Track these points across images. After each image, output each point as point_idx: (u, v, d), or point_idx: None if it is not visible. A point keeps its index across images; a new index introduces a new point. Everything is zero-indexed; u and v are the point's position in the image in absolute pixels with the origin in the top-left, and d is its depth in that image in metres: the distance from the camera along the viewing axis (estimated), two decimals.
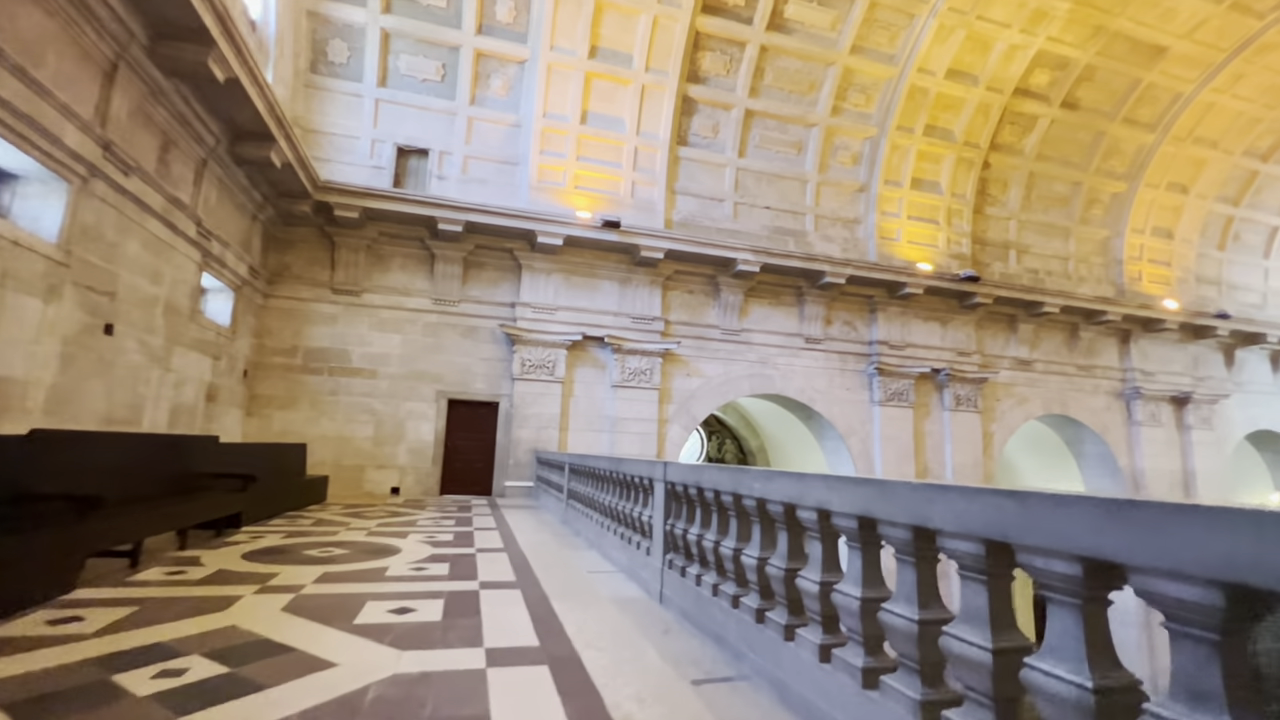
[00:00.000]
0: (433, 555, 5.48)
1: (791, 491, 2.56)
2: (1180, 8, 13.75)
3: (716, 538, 3.40)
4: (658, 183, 13.66)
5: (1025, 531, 1.40)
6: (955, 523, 1.63)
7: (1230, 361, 18.37)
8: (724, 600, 3.17)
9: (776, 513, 2.72)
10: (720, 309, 13.86)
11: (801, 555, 2.66)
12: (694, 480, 3.67)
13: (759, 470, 2.86)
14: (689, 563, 3.84)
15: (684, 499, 3.98)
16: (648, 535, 4.74)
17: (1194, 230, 17.87)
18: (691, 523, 3.88)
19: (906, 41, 13.78)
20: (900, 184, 15.11)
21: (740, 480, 3.05)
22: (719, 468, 3.31)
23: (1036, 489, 1.41)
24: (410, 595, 3.95)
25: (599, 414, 12.84)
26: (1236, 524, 0.99)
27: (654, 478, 4.47)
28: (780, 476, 2.68)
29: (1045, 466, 18.89)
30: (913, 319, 14.96)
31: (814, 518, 2.41)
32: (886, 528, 1.98)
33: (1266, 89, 15.73)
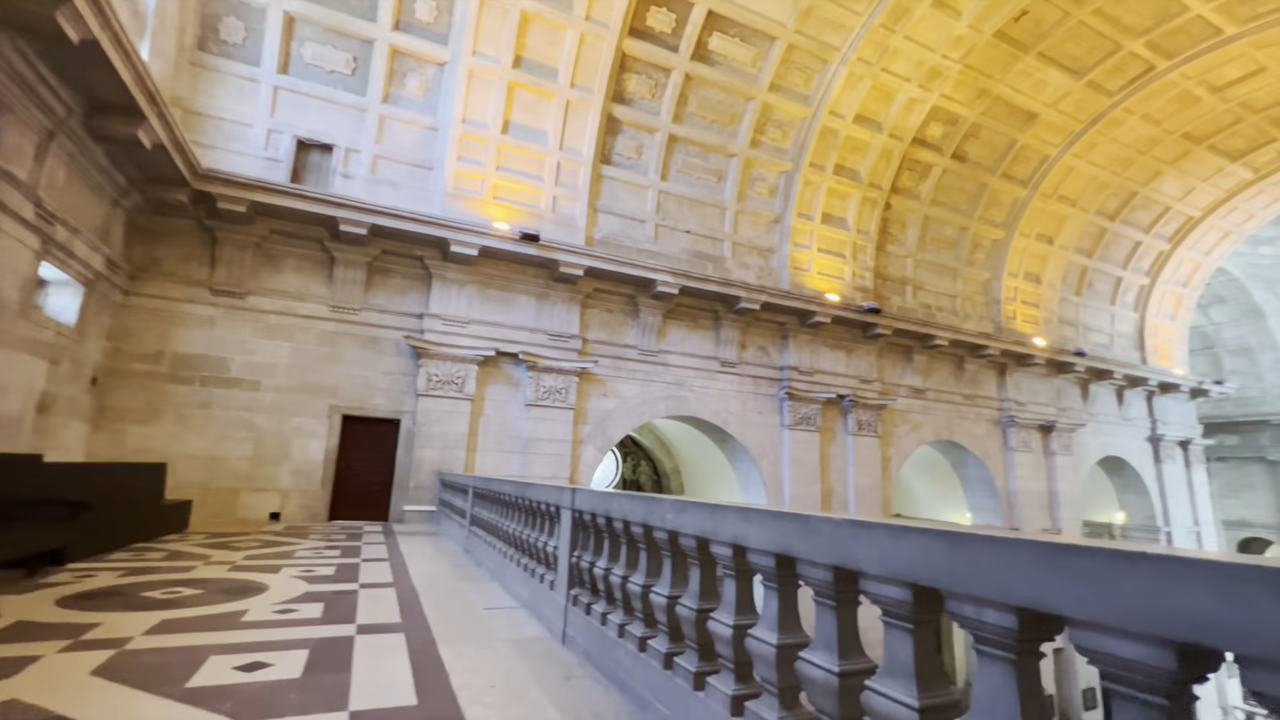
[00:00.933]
0: (306, 594, 4.83)
1: (705, 524, 2.38)
2: (1049, 81, 15.53)
3: (625, 572, 3.16)
4: (580, 199, 13.50)
5: (958, 578, 1.27)
6: (881, 564, 1.50)
7: (1086, 395, 20.64)
8: (630, 642, 2.92)
9: (689, 547, 2.52)
10: (639, 329, 13.80)
11: (714, 594, 2.47)
12: (603, 509, 3.42)
13: (672, 500, 2.66)
14: (595, 599, 3.57)
15: (592, 529, 3.72)
16: (552, 567, 4.41)
17: (1057, 277, 20.06)
18: (599, 555, 3.62)
19: (820, 85, 14.59)
20: (812, 218, 15.86)
21: (652, 510, 2.84)
22: (630, 496, 3.08)
23: (970, 528, 1.29)
24: (268, 646, 3.39)
25: (510, 434, 12.29)
26: (1189, 575, 0.88)
27: (561, 505, 4.17)
28: (694, 507, 2.49)
29: (935, 488, 20.25)
30: (821, 346, 15.63)
31: (729, 553, 2.24)
32: (806, 567, 1.83)
33: (1114, 158, 18.06)
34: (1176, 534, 21.13)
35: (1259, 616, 0.80)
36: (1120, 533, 21.72)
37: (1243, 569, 0.82)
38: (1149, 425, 21.89)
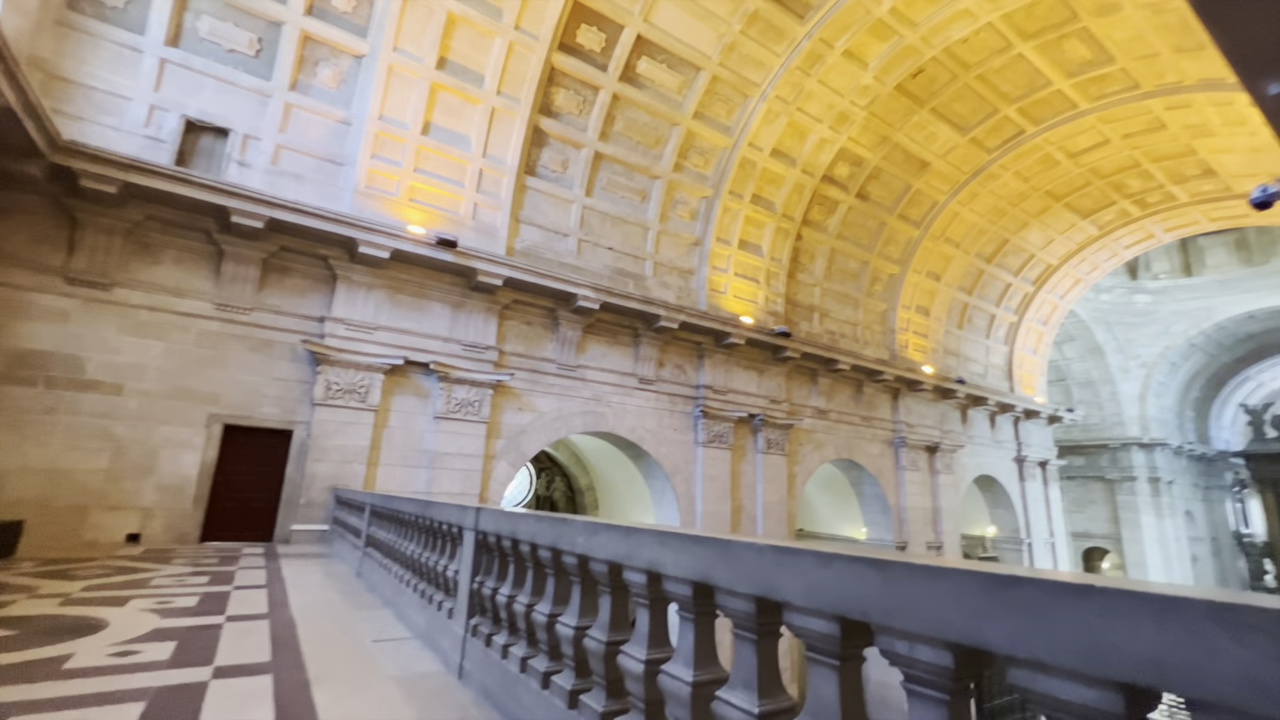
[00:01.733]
0: (156, 630, 4.24)
1: (619, 548, 2.30)
2: (939, 134, 17.16)
3: (530, 600, 3.02)
4: (502, 208, 13.20)
5: (890, 610, 1.25)
6: (807, 595, 1.47)
7: (965, 419, 22.70)
8: (533, 678, 2.79)
9: (600, 573, 2.44)
10: (558, 343, 13.62)
11: (626, 625, 2.41)
12: (509, 530, 3.27)
13: (584, 522, 2.58)
14: (497, 629, 3.39)
15: (497, 552, 3.54)
16: (452, 594, 4.17)
17: (943, 311, 22.02)
18: (503, 581, 3.46)
19: (741, 117, 15.26)
20: (730, 243, 16.45)
21: (562, 532, 2.73)
22: (538, 516, 2.96)
23: (905, 557, 1.28)
24: (90, 700, 2.88)
25: (417, 448, 11.65)
26: (1138, 610, 0.84)
27: (464, 525, 3.96)
28: (607, 530, 2.40)
29: (835, 504, 21.39)
30: (735, 367, 16.14)
31: (643, 581, 2.17)
32: (726, 597, 1.78)
33: (991, 208, 20.19)
34: (1037, 545, 23.59)
35: (1216, 657, 0.76)
36: (991, 545, 23.93)
37: (1198, 605, 0.79)
38: (1015, 447, 24.38)
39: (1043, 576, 1.00)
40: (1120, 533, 32.08)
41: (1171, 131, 16.39)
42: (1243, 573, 36.07)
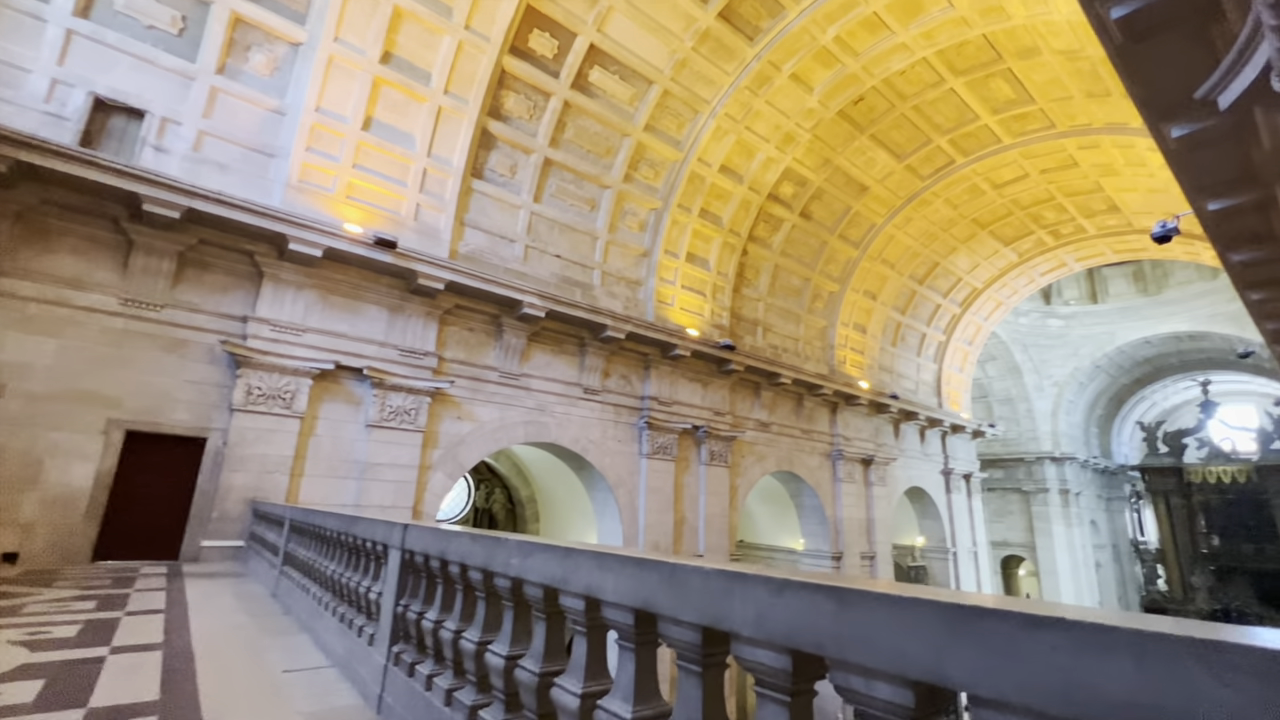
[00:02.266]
0: (22, 667, 3.72)
1: (555, 571, 2.15)
2: (878, 160, 17.95)
3: (458, 626, 2.82)
4: (446, 210, 12.79)
5: (847, 643, 1.16)
6: (758, 625, 1.38)
7: (897, 433, 23.65)
8: (459, 713, 2.58)
9: (535, 597, 2.28)
10: (501, 351, 13.26)
11: (561, 655, 2.26)
12: (438, 549, 3.05)
13: (519, 541, 2.41)
14: (422, 657, 3.16)
15: (424, 573, 3.31)
16: (374, 618, 3.88)
17: (879, 329, 22.95)
18: (430, 604, 3.23)
19: (691, 132, 15.45)
20: (677, 255, 16.57)
21: (495, 553, 2.55)
22: (471, 535, 2.77)
23: (865, 584, 1.20)
24: None
25: (346, 458, 11.02)
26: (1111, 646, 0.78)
27: (389, 544, 3.70)
28: (543, 551, 2.25)
29: (775, 516, 21.75)
30: (680, 379, 16.20)
31: (581, 607, 2.04)
32: (670, 626, 1.67)
33: (923, 232, 21.26)
34: (961, 554, 24.76)
35: (1199, 700, 0.71)
36: (920, 554, 24.94)
37: (1179, 642, 0.73)
38: (943, 460, 25.59)
39: (1010, 608, 0.93)
40: (1035, 541, 34.17)
41: (1082, 169, 17.78)
42: (1139, 578, 39.11)
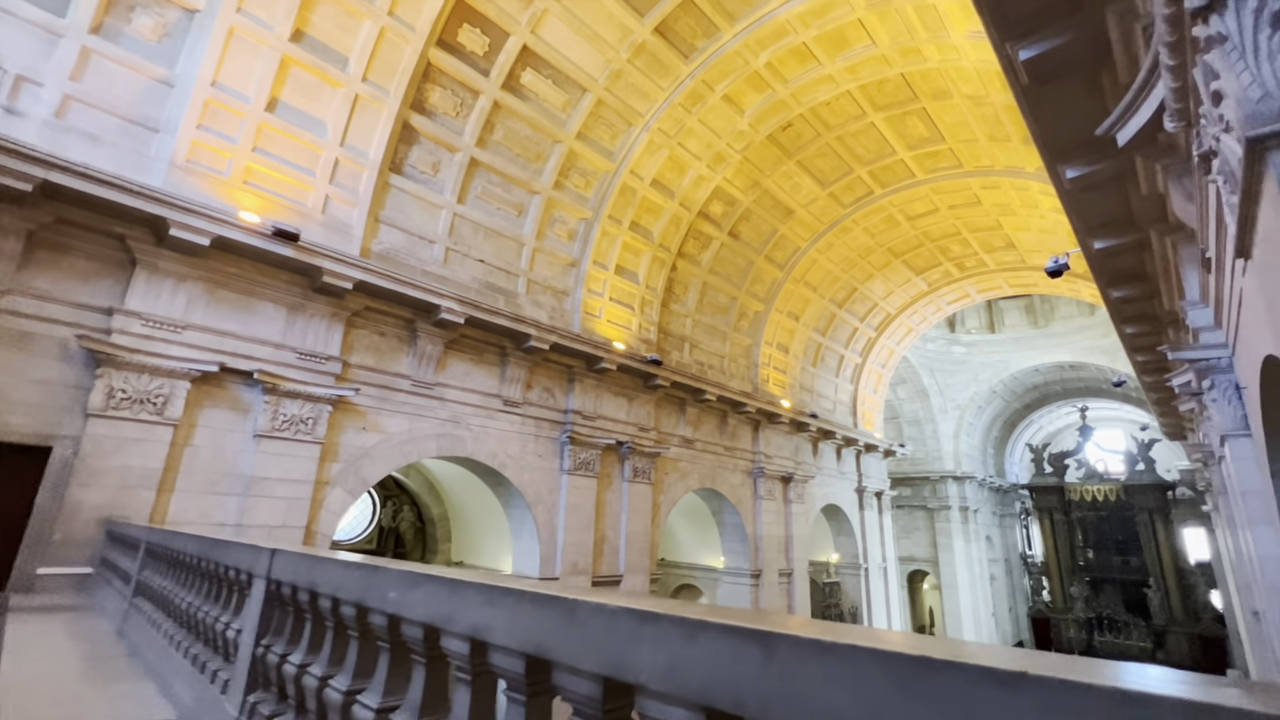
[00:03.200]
0: None
1: (439, 607, 1.78)
2: (803, 185, 18.60)
3: (325, 672, 2.34)
4: (359, 205, 11.93)
5: (772, 700, 0.91)
6: (668, 677, 1.10)
7: (816, 451, 24.37)
8: None
9: (414, 638, 1.89)
10: (415, 358, 12.45)
11: (443, 707, 1.87)
12: (308, 579, 2.56)
13: (401, 570, 2.01)
14: (282, 709, 2.63)
15: (292, 606, 2.79)
16: (231, 660, 3.27)
17: (800, 349, 23.67)
18: (296, 645, 2.71)
19: (624, 144, 15.36)
20: (607, 267, 16.34)
21: (372, 584, 2.13)
22: (346, 563, 2.32)
23: (791, 628, 0.95)
24: None
25: (229, 471, 9.86)
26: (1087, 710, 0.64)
27: (254, 571, 3.13)
28: (428, 583, 1.87)
29: (697, 533, 21.71)
30: (605, 393, 15.87)
31: (465, 650, 1.67)
32: (566, 675, 1.36)
33: (844, 258, 22.22)
34: (872, 570, 25.71)
35: None
36: (835, 570, 25.68)
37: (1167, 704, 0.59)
38: (857, 478, 26.61)
39: (965, 660, 0.74)
40: (937, 556, 36.17)
41: (985, 207, 19.19)
42: (1027, 589, 42.27)
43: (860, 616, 24.80)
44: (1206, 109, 2.21)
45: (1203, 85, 2.13)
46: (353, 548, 17.76)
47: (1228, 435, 6.29)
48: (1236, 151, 2.05)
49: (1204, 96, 2.17)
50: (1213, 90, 2.03)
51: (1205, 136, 2.35)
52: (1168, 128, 2.77)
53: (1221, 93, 1.95)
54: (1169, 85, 2.50)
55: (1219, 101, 2.04)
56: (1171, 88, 2.49)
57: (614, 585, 15.16)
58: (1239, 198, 2.17)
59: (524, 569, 14.01)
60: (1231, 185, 2.24)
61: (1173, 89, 2.49)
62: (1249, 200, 2.02)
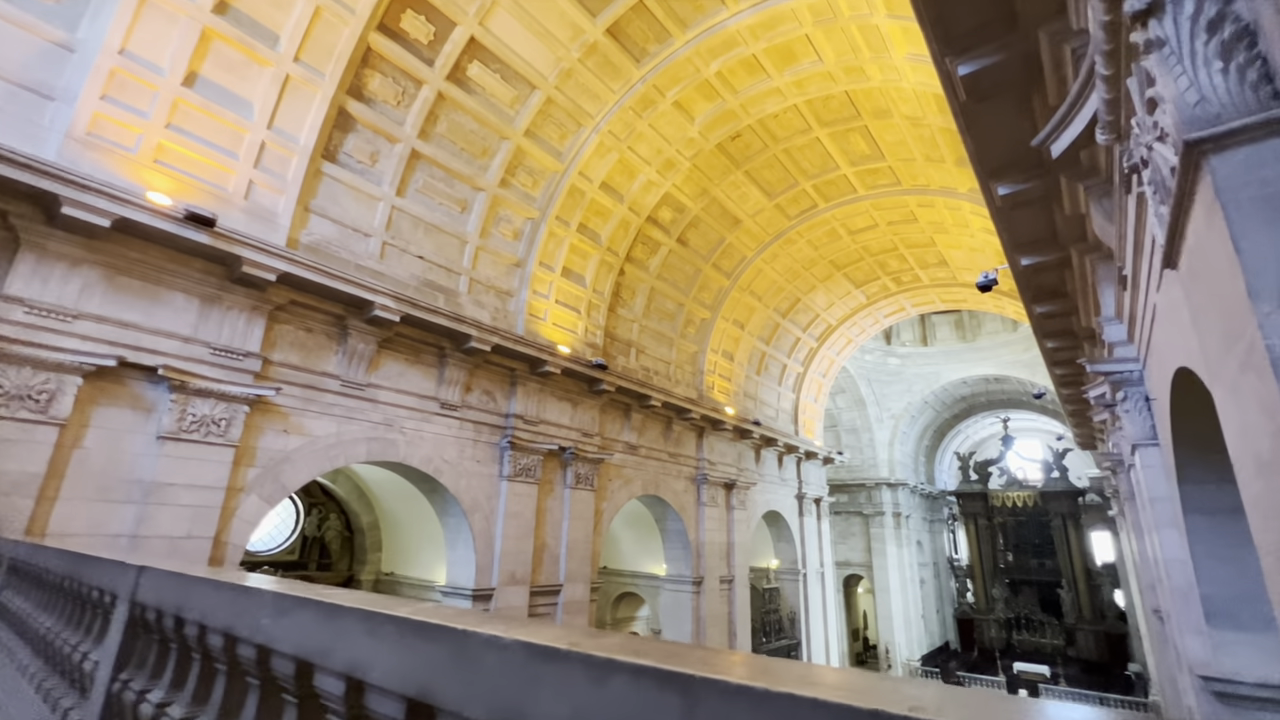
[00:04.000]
0: None
1: (314, 637, 1.50)
2: (751, 196, 18.88)
3: (186, 712, 2.01)
4: (288, 192, 11.19)
5: None
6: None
7: (758, 458, 24.71)
8: None
9: (285, 675, 1.61)
10: (345, 357, 11.75)
11: None
12: (176, 603, 2.20)
13: (276, 593, 1.71)
14: None
15: (157, 633, 2.41)
16: (87, 694, 2.83)
17: (745, 357, 23.99)
18: (158, 679, 2.34)
19: (574, 145, 15.13)
20: (553, 269, 16.02)
21: (243, 609, 1.82)
22: (218, 584, 1.99)
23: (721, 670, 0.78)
24: None
25: (126, 477, 8.95)
26: None
27: (118, 592, 2.71)
28: (304, 608, 1.58)
29: (639, 540, 21.55)
30: (549, 397, 15.51)
31: (340, 691, 1.41)
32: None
33: (788, 269, 22.70)
34: (810, 575, 26.25)
35: None
36: (774, 576, 26.06)
37: None
38: (797, 485, 27.16)
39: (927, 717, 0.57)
40: (871, 561, 37.39)
41: (920, 225, 20.03)
42: (953, 592, 44.30)
43: (798, 622, 25.24)
44: (1140, 118, 2.23)
45: (1137, 94, 2.16)
46: (271, 560, 16.61)
47: (1138, 444, 6.65)
48: (1169, 159, 2.06)
49: (1137, 106, 2.19)
50: (1148, 98, 2.04)
51: (1136, 148, 2.39)
52: (1099, 140, 2.84)
53: (1157, 99, 1.95)
54: (1103, 97, 2.54)
55: (1154, 109, 2.05)
56: (1105, 99, 2.54)
57: (554, 595, 14.78)
58: (1169, 207, 2.20)
59: (458, 580, 13.44)
60: (1162, 195, 2.27)
61: (1106, 100, 2.53)
62: (1180, 208, 2.03)
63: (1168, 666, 12.39)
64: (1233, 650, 5.54)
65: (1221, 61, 1.72)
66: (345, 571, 17.87)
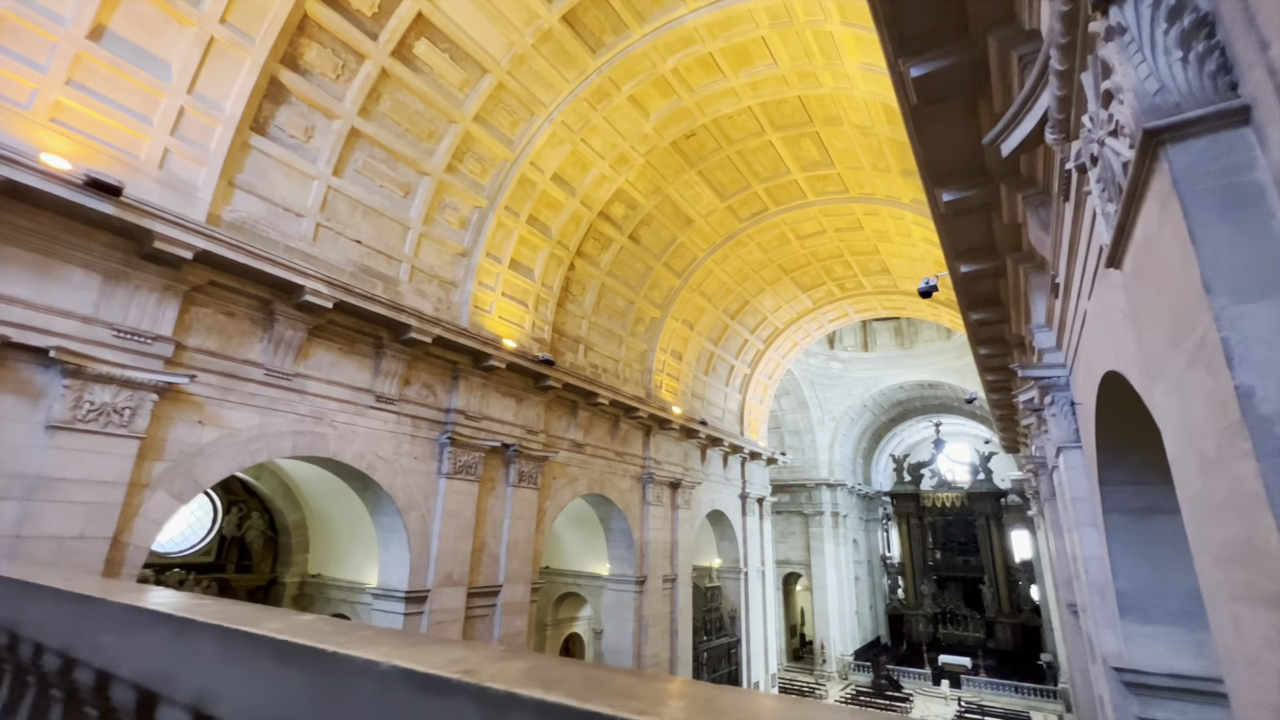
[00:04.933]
0: None
1: (160, 659, 1.23)
2: (703, 196, 18.94)
3: None
4: (209, 163, 10.34)
5: None
6: None
7: (704, 458, 24.88)
8: None
9: (125, 706, 1.32)
10: (270, 344, 10.97)
11: None
12: (11, 615, 1.84)
13: (122, 605, 1.41)
14: None
15: None
16: None
17: (694, 357, 24.10)
18: None
19: (525, 134, 14.72)
20: (501, 260, 15.55)
21: (87, 621, 1.51)
22: (61, 592, 1.66)
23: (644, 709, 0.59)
24: None
25: (6, 470, 8.01)
26: None
27: None
28: (153, 622, 1.30)
29: (583, 539, 21.27)
30: (492, 392, 15.04)
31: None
32: None
33: (738, 271, 22.94)
34: (752, 574, 26.65)
35: None
36: (716, 575, 26.31)
37: None
38: (741, 485, 27.52)
39: None
40: (810, 559, 38.39)
41: (865, 232, 20.63)
42: (885, 588, 46.07)
43: (739, 619, 25.57)
44: (1094, 112, 2.21)
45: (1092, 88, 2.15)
46: (183, 562, 15.41)
47: (1062, 447, 6.95)
48: (1122, 154, 2.03)
49: (1091, 101, 2.18)
50: (1103, 90, 2.02)
51: (1086, 146, 2.38)
52: (1048, 139, 2.86)
53: (1114, 90, 1.93)
54: (1055, 94, 2.54)
55: (1109, 102, 2.03)
56: (1057, 95, 2.54)
57: (492, 596, 14.34)
58: (1118, 204, 2.18)
59: (391, 582, 12.83)
60: (1110, 193, 2.27)
61: (1058, 97, 2.53)
62: (1130, 203, 2.01)
63: (1079, 657, 13.18)
64: (1143, 643, 5.82)
65: (1181, 51, 1.70)
66: (268, 573, 16.81)
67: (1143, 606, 5.87)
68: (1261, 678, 1.52)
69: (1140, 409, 4.12)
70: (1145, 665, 5.68)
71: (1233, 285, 1.51)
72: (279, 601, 16.39)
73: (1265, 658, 1.47)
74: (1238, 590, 1.64)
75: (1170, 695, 5.48)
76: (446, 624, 12.92)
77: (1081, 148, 2.45)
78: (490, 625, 14.26)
